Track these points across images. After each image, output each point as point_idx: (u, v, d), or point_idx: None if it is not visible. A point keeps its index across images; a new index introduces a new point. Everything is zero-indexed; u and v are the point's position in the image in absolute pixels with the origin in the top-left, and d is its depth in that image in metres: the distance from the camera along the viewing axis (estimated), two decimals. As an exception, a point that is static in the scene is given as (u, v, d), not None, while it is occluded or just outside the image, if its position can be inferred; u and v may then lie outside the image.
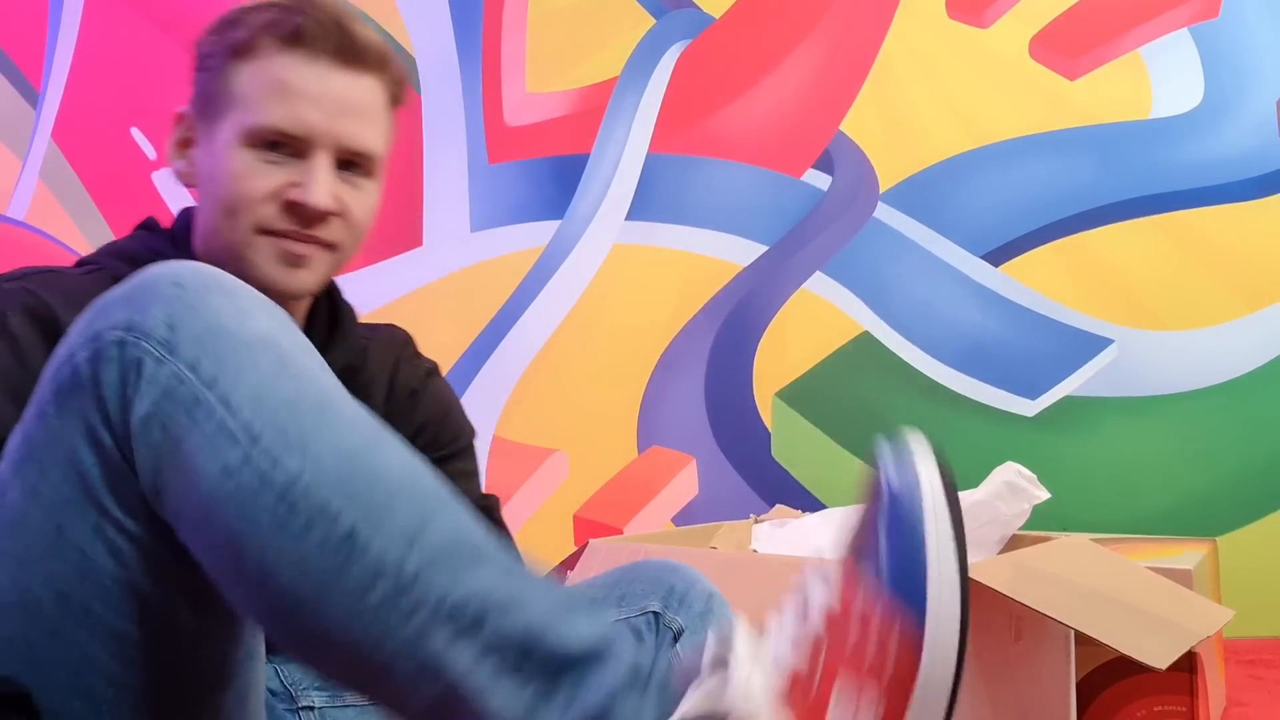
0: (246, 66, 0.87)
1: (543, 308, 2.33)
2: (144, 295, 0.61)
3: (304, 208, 0.85)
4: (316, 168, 0.86)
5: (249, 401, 0.58)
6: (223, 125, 0.86)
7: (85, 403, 0.60)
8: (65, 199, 2.17)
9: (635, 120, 2.37)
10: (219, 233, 0.87)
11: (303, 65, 0.86)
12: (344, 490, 0.57)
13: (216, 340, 0.59)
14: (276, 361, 0.60)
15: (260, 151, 0.85)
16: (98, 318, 0.62)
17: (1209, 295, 2.31)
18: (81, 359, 0.61)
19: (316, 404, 0.60)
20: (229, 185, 0.85)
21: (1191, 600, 1.27)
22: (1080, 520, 1.82)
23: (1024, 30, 2.37)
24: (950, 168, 2.37)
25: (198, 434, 0.58)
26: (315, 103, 0.86)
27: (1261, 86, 2.33)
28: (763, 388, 2.35)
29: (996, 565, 1.14)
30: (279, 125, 0.85)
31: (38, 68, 2.18)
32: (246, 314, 0.62)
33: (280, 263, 0.87)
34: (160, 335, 0.59)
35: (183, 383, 0.58)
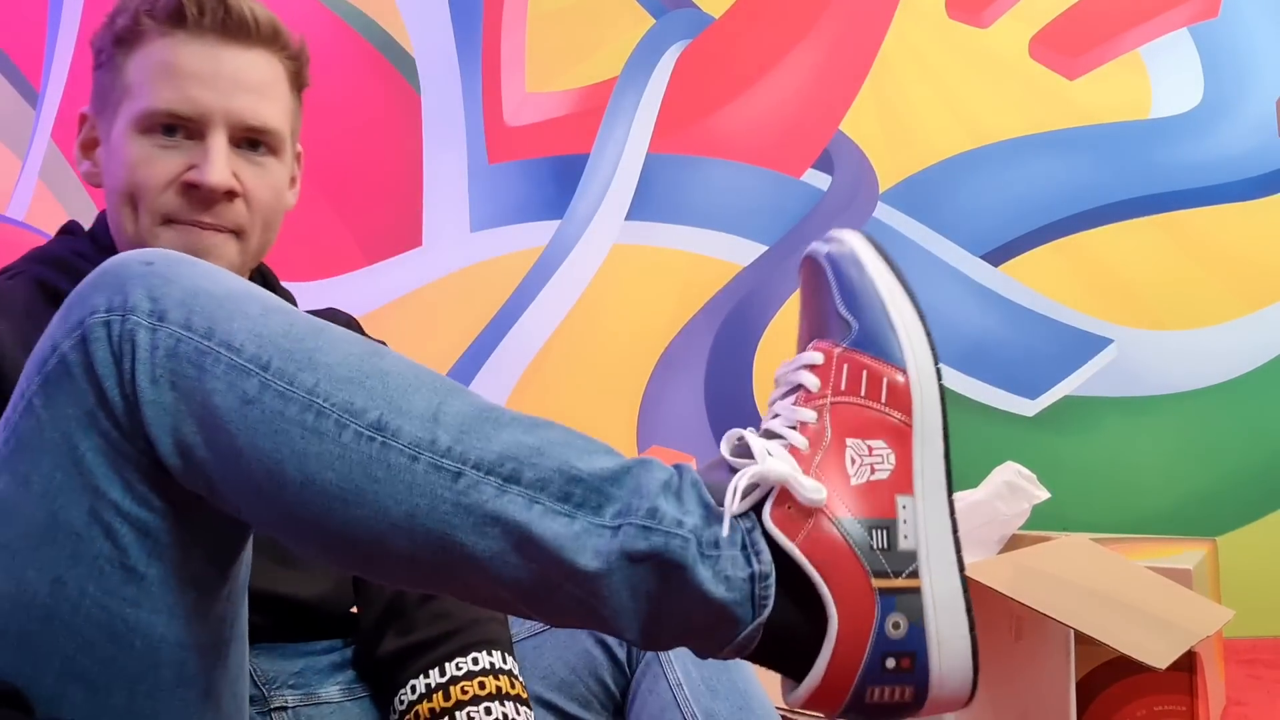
0: (134, 54, 0.86)
1: (543, 308, 2.33)
2: (117, 279, 0.62)
3: (202, 188, 0.84)
4: (212, 147, 0.84)
5: (249, 339, 0.60)
6: (118, 118, 0.85)
7: (78, 388, 0.61)
8: (65, 199, 2.17)
9: (635, 120, 2.37)
10: (124, 227, 0.86)
11: (187, 44, 0.85)
12: (361, 388, 0.60)
13: (199, 300, 0.61)
14: (260, 305, 0.63)
15: (155, 137, 0.84)
16: (74, 309, 0.63)
17: (1209, 295, 2.31)
18: (68, 347, 0.61)
19: (310, 328, 0.62)
20: (126, 175, 0.84)
21: (1191, 600, 1.27)
22: (1080, 520, 1.82)
23: (1024, 30, 2.37)
24: (950, 168, 2.37)
25: (210, 379, 0.59)
26: (205, 81, 0.84)
27: (1261, 86, 2.33)
28: (763, 388, 2.35)
29: (996, 565, 1.14)
30: (169, 107, 0.84)
31: (37, 68, 2.18)
32: (216, 276, 0.64)
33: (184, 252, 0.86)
34: (146, 308, 0.61)
35: (181, 341, 0.60)
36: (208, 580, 0.64)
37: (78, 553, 0.60)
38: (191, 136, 0.85)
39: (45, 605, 0.60)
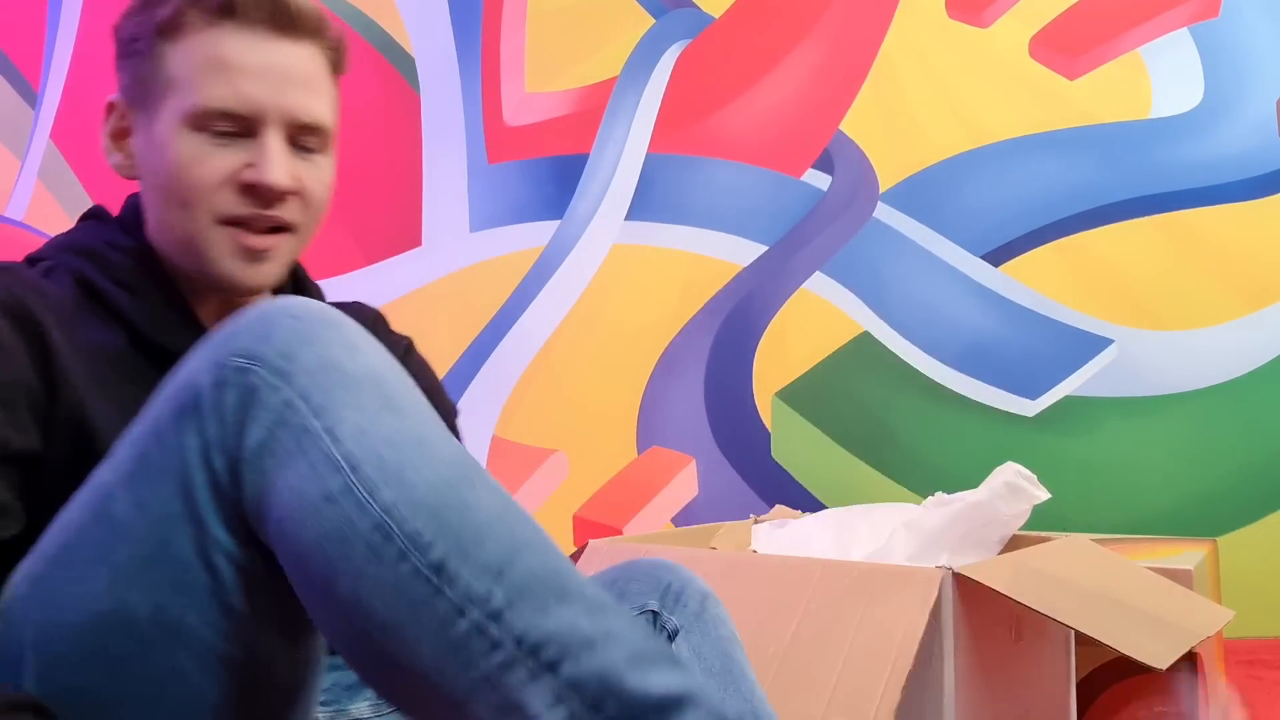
0: (177, 45, 0.81)
1: (542, 308, 2.33)
2: (264, 325, 0.64)
3: (262, 188, 0.81)
4: (270, 145, 0.81)
5: (352, 434, 0.60)
6: (161, 111, 0.81)
7: (204, 424, 0.62)
8: (64, 199, 2.17)
9: (635, 120, 2.37)
10: (172, 226, 0.83)
11: (237, 38, 0.81)
12: (436, 521, 0.59)
13: (327, 373, 0.62)
14: (380, 398, 0.63)
15: (206, 135, 0.80)
16: (222, 344, 0.64)
17: (1209, 295, 2.31)
18: (205, 383, 0.63)
19: (414, 439, 0.62)
20: (178, 174, 0.80)
21: (1192, 600, 1.27)
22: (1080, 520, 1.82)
23: (1024, 30, 2.37)
24: (950, 167, 2.36)
25: (303, 461, 0.60)
26: (257, 77, 0.81)
27: (1261, 86, 2.33)
28: (762, 388, 2.35)
29: (997, 566, 1.14)
30: (222, 105, 0.80)
31: (36, 68, 2.18)
32: (355, 348, 0.64)
33: (240, 258, 0.82)
34: (277, 364, 0.62)
35: (294, 410, 0.61)
36: (299, 623, 0.65)
37: (182, 582, 0.62)
38: (245, 134, 0.81)
39: (144, 629, 0.62)
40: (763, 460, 2.33)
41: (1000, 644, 1.19)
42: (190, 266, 0.83)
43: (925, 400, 2.33)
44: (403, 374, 0.66)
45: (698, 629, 0.87)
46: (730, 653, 0.87)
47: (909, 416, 2.33)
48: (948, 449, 2.31)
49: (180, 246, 0.83)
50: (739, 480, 2.32)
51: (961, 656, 1.09)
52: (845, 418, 2.34)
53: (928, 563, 1.28)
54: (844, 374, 2.35)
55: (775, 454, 2.33)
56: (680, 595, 0.89)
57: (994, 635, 1.17)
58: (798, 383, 2.35)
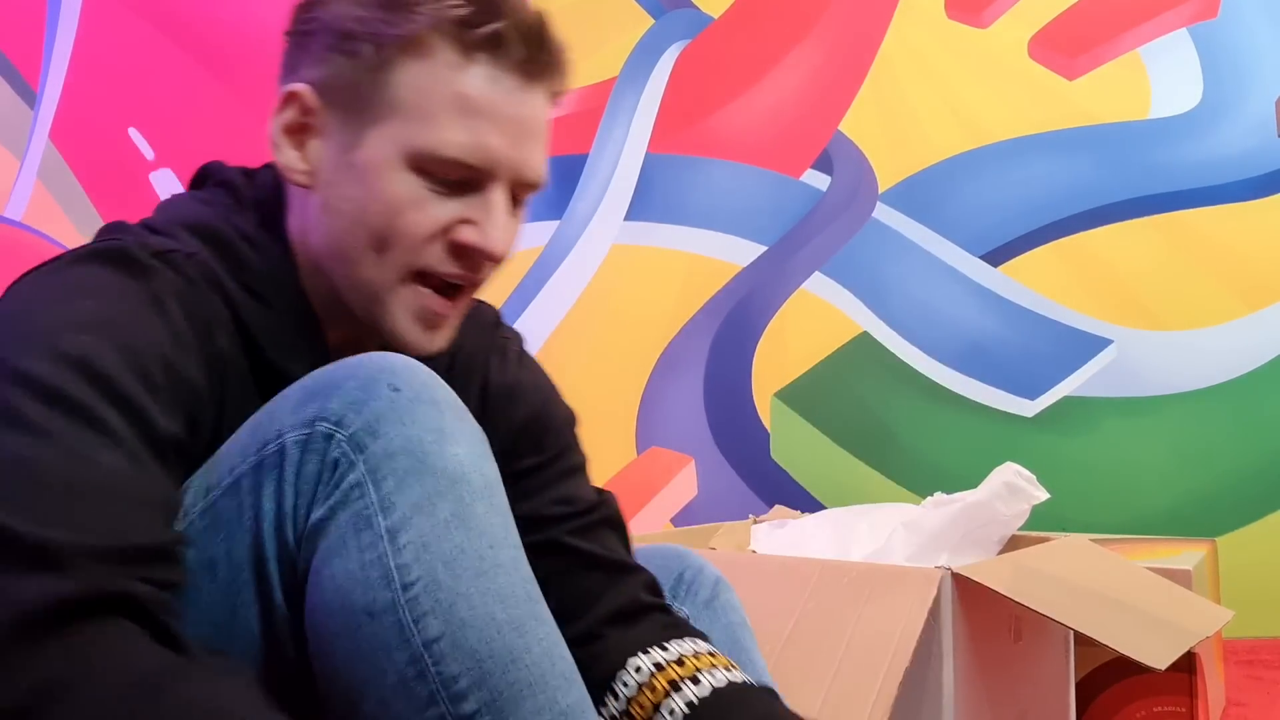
0: (417, 67, 0.69)
1: (541, 308, 2.32)
2: (362, 390, 0.60)
3: (478, 253, 0.71)
4: (495, 206, 0.71)
5: (413, 545, 0.57)
6: (375, 134, 0.70)
7: (283, 486, 0.59)
8: (63, 199, 2.17)
9: (634, 120, 2.36)
10: (357, 265, 0.71)
11: (490, 79, 0.70)
12: (478, 667, 0.56)
13: (409, 460, 0.58)
14: (455, 504, 0.59)
15: (430, 179, 0.70)
16: (314, 399, 0.60)
17: (1208, 295, 2.31)
18: (291, 441, 0.59)
19: (476, 564, 0.58)
20: (387, 216, 0.70)
21: (1191, 601, 1.27)
22: (1080, 521, 1.82)
23: (1023, 30, 2.37)
24: (949, 168, 2.36)
25: (356, 557, 0.57)
26: (501, 128, 0.70)
27: (1260, 86, 2.33)
28: (762, 388, 2.35)
29: (996, 566, 1.14)
30: (460, 155, 0.69)
31: (35, 68, 2.17)
32: (446, 435, 0.60)
33: (417, 322, 0.73)
34: (360, 440, 0.58)
35: (362, 496, 0.57)
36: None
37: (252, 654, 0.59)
38: (469, 186, 0.71)
39: None
40: (762, 460, 2.33)
41: (1000, 644, 1.19)
42: (360, 313, 0.74)
43: (924, 400, 2.33)
44: (489, 472, 0.62)
45: (707, 616, 0.88)
46: (740, 639, 0.87)
47: (908, 417, 2.33)
48: (947, 449, 2.31)
49: (357, 288, 0.73)
50: (738, 480, 2.32)
51: (961, 656, 1.09)
52: (844, 418, 2.34)
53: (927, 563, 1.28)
54: (843, 374, 2.35)
55: (774, 454, 2.33)
56: (692, 584, 0.90)
57: (993, 635, 1.17)
58: (797, 383, 2.35)
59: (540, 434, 0.88)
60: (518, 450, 0.84)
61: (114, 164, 2.19)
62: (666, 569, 0.89)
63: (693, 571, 0.90)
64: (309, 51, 0.72)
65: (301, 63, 0.72)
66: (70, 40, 2.18)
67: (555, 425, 0.90)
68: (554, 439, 0.89)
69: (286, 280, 0.73)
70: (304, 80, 0.72)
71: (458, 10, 0.69)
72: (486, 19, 0.69)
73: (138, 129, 2.20)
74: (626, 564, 0.84)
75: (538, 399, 0.90)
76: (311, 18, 0.72)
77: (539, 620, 0.59)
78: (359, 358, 0.63)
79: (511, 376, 0.89)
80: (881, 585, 1.11)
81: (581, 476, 0.90)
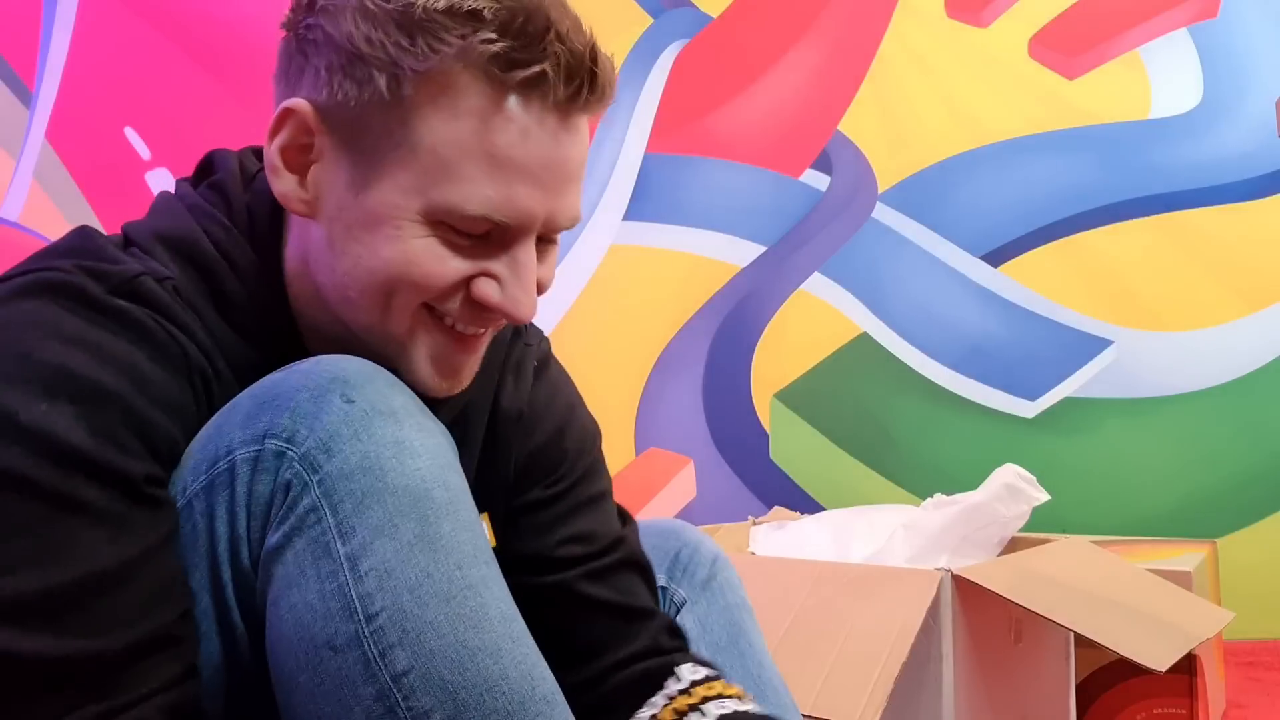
0: (441, 109, 0.60)
1: (540, 308, 2.31)
2: (313, 403, 0.56)
3: (498, 311, 0.64)
4: (522, 265, 0.64)
5: (377, 572, 0.53)
6: (389, 179, 0.61)
7: (235, 507, 0.56)
8: (59, 199, 2.16)
9: (633, 120, 2.36)
10: (365, 310, 0.64)
11: (523, 121, 0.60)
12: (450, 700, 0.52)
13: (367, 479, 0.54)
14: (419, 523, 0.55)
15: (450, 233, 0.62)
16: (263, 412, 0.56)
17: (1208, 296, 2.31)
18: (241, 459, 0.56)
19: (445, 589, 0.54)
20: (400, 268, 0.62)
21: (1191, 602, 1.26)
22: (1080, 522, 1.81)
23: (1023, 30, 2.36)
24: (949, 168, 2.36)
25: (314, 587, 0.53)
26: (536, 180, 0.62)
27: (1260, 87, 2.32)
28: (761, 389, 2.34)
29: (996, 568, 1.13)
30: (489, 214, 0.61)
31: (31, 67, 2.17)
32: (406, 449, 0.56)
33: (434, 365, 0.66)
34: (315, 459, 0.55)
35: (319, 522, 0.54)
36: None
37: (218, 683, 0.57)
38: (495, 240, 0.63)
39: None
40: (761, 462, 2.33)
41: (1000, 646, 1.18)
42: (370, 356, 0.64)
43: (924, 401, 2.32)
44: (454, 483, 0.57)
45: (705, 599, 0.85)
46: (738, 621, 0.85)
47: (908, 418, 2.32)
48: (947, 450, 2.31)
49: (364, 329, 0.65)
50: (737, 482, 2.32)
51: (961, 658, 1.08)
52: (844, 419, 2.34)
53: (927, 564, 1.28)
54: (843, 375, 2.34)
55: (774, 455, 2.33)
56: (689, 564, 0.87)
57: (993, 637, 1.17)
58: (796, 384, 2.35)
59: (554, 463, 0.81)
60: (528, 480, 0.79)
61: (110, 164, 2.18)
62: (663, 549, 0.87)
63: (689, 550, 0.87)
64: (311, 63, 0.62)
65: (304, 75, 0.63)
66: (66, 40, 2.17)
67: (571, 452, 0.83)
68: (569, 467, 0.82)
69: (274, 312, 0.66)
70: (305, 97, 0.62)
71: (493, 45, 0.59)
72: (527, 59, 0.59)
73: (134, 129, 2.20)
74: (646, 609, 0.78)
75: (552, 424, 0.82)
76: (314, 24, 0.62)
77: (515, 641, 0.56)
78: (311, 363, 0.59)
79: (525, 398, 0.80)
80: (881, 586, 1.10)
81: (600, 508, 0.83)
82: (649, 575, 0.81)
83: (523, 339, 0.84)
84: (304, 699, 0.53)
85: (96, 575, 0.52)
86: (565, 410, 0.84)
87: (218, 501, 0.56)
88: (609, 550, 0.79)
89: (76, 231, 0.64)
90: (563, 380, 0.87)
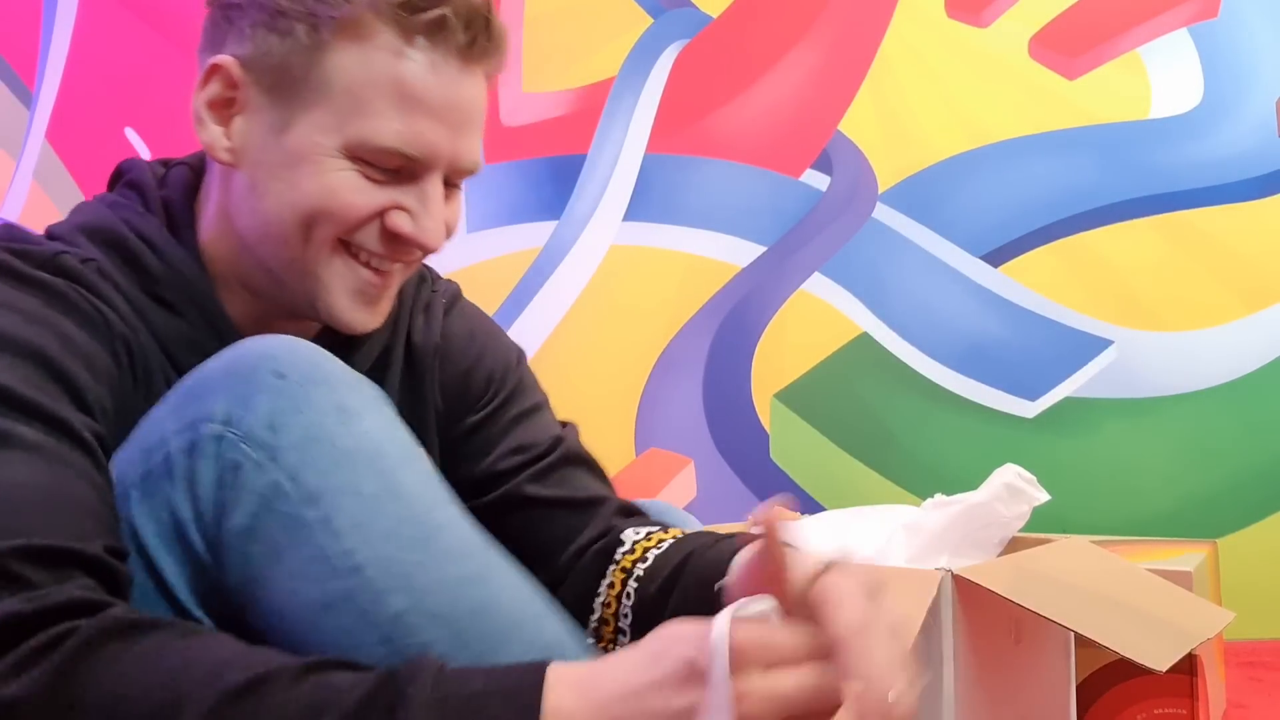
0: (350, 50, 0.67)
1: (539, 309, 2.32)
2: (244, 384, 0.57)
3: (411, 242, 0.70)
4: (431, 197, 0.70)
5: (351, 528, 0.55)
6: (308, 118, 0.68)
7: (176, 496, 0.56)
8: (59, 199, 2.16)
9: (633, 120, 2.36)
10: (285, 244, 0.70)
11: (428, 64, 0.68)
12: (450, 630, 0.54)
13: (319, 447, 0.56)
14: (380, 478, 0.56)
15: (364, 166, 0.69)
16: (193, 401, 0.57)
17: (1209, 296, 2.31)
18: (176, 447, 0.57)
19: (422, 530, 0.56)
20: (320, 199, 0.68)
21: (1192, 602, 1.26)
22: (1080, 522, 1.81)
23: (1023, 30, 2.36)
24: (949, 168, 2.36)
25: (296, 557, 0.54)
26: (440, 118, 0.69)
27: (1261, 86, 2.32)
28: (761, 389, 2.34)
29: (996, 568, 1.13)
30: (399, 146, 0.68)
31: (31, 67, 2.17)
32: (349, 413, 0.58)
33: (353, 297, 0.72)
34: (261, 437, 0.56)
35: (283, 496, 0.55)
36: None
37: None
38: (405, 174, 0.70)
39: None
40: (761, 462, 2.32)
41: (1000, 646, 1.18)
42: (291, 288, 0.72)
43: (924, 401, 2.32)
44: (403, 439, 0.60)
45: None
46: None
47: (908, 418, 2.32)
48: (947, 450, 2.31)
49: (284, 265, 0.71)
50: (737, 482, 2.32)
51: (961, 659, 1.08)
52: (844, 419, 2.34)
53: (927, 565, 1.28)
54: (843, 375, 2.34)
55: (774, 455, 2.33)
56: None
57: (993, 637, 1.16)
58: (796, 384, 2.34)
59: (481, 386, 0.85)
60: (460, 407, 0.82)
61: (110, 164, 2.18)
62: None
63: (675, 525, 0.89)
64: (235, 25, 0.69)
65: (228, 36, 0.70)
66: (66, 40, 2.17)
67: (496, 373, 0.87)
68: (496, 388, 0.86)
69: (196, 286, 0.71)
70: (230, 54, 0.69)
71: None
72: (429, 3, 0.67)
73: (134, 129, 2.20)
74: (594, 497, 0.82)
75: (471, 350, 0.86)
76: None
77: (497, 568, 0.58)
78: (232, 349, 0.61)
79: (438, 332, 0.85)
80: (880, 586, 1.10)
81: (536, 418, 0.87)
82: (595, 467, 0.85)
83: (429, 285, 0.89)
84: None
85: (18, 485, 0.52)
86: (483, 337, 0.88)
87: (156, 490, 0.57)
88: (547, 452, 0.82)
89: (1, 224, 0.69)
90: (476, 314, 0.92)
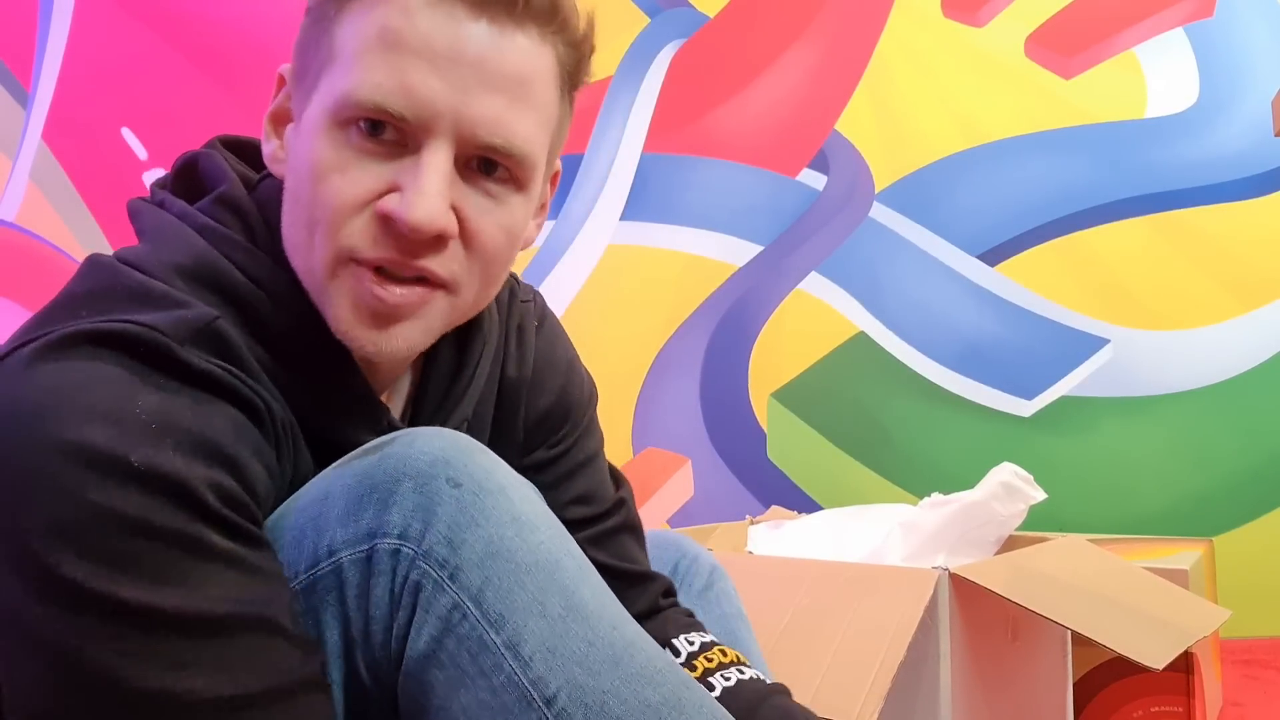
0: (352, 8, 0.58)
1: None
2: (422, 496, 0.52)
3: (399, 225, 0.56)
4: (426, 166, 0.56)
5: (541, 653, 0.50)
6: (315, 94, 0.59)
7: (347, 610, 0.52)
8: (56, 200, 2.16)
9: (630, 120, 2.36)
10: (298, 253, 0.60)
11: (423, 9, 0.56)
12: None
13: (499, 563, 0.51)
14: (561, 595, 0.52)
15: (353, 136, 0.57)
16: (367, 508, 0.52)
17: (1205, 295, 2.31)
18: (348, 559, 0.52)
19: (610, 654, 0.52)
20: (310, 184, 0.57)
21: (1188, 600, 1.26)
22: (1077, 521, 1.82)
23: (1019, 29, 2.37)
24: (946, 167, 2.36)
25: (484, 687, 0.50)
26: (435, 66, 0.56)
27: (1256, 86, 2.33)
28: (758, 388, 2.34)
29: (993, 566, 1.13)
30: (376, 98, 0.56)
31: (28, 68, 2.17)
32: (524, 524, 0.53)
33: (360, 315, 0.59)
34: (441, 554, 0.51)
35: (465, 618, 0.50)
36: None
37: None
38: (405, 144, 0.58)
39: None
40: (759, 461, 2.33)
41: (997, 644, 1.18)
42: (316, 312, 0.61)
43: (921, 401, 2.32)
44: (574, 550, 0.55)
45: (701, 606, 0.87)
46: (734, 630, 0.87)
47: (905, 417, 2.33)
48: (944, 449, 2.31)
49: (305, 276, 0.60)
50: (735, 481, 2.32)
51: (958, 657, 1.09)
52: (841, 418, 2.34)
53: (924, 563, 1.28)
54: (840, 374, 2.34)
55: (771, 455, 2.33)
56: (687, 574, 0.89)
57: (990, 635, 1.17)
58: (793, 383, 2.35)
59: (559, 421, 0.81)
60: (535, 440, 0.80)
61: (107, 164, 2.18)
62: (662, 559, 0.89)
63: (688, 561, 0.89)
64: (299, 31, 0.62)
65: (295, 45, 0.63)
66: (63, 40, 2.17)
67: (575, 410, 0.83)
68: (572, 425, 0.82)
69: (316, 333, 0.60)
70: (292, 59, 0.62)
71: None
72: None
73: (130, 129, 2.20)
74: (645, 574, 0.81)
75: (556, 381, 0.82)
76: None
77: (688, 686, 0.54)
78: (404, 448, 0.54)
79: (530, 363, 0.79)
80: (878, 585, 1.10)
81: (596, 465, 0.84)
82: (642, 538, 0.83)
83: (518, 297, 0.81)
84: None
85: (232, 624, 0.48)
86: (565, 366, 0.84)
87: (324, 602, 0.53)
88: (611, 513, 0.81)
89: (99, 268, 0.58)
90: (559, 333, 0.87)
